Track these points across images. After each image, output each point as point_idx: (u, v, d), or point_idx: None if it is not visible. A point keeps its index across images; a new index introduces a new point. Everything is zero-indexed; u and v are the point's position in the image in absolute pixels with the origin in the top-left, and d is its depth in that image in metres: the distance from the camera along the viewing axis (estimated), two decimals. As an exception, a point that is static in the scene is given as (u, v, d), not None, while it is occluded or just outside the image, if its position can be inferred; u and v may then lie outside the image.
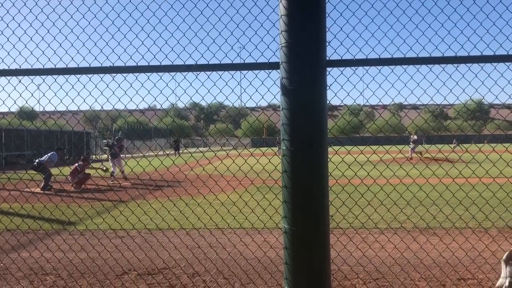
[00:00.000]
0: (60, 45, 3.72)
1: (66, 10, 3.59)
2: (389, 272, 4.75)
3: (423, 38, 3.63)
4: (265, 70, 3.35)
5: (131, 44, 3.64)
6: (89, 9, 3.69)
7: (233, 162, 3.81)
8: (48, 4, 3.65)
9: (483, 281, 4.53)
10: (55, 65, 3.43)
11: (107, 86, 3.77)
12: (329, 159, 3.07)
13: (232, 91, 3.85)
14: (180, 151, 38.12)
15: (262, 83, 3.86)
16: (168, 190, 8.70)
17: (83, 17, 3.68)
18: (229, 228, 5.77)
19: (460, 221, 6.61)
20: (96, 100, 3.88)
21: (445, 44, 3.57)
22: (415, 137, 25.48)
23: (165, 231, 5.94)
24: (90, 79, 3.60)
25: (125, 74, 3.52)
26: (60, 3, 3.60)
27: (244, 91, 3.89)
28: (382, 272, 4.76)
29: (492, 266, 4.71)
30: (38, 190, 12.47)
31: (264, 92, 3.65)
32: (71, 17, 3.61)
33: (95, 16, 3.77)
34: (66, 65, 3.50)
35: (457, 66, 3.43)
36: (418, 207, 6.15)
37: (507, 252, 3.50)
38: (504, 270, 3.64)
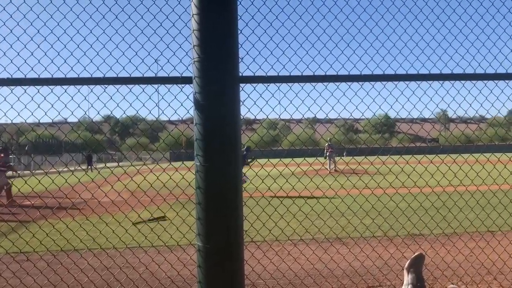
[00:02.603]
0: None
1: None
2: (302, 284, 4.83)
3: (331, 57, 3.78)
4: (178, 85, 3.29)
5: (32, 55, 3.38)
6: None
7: (144, 179, 3.67)
8: None
9: (388, 288, 4.77)
10: None
11: (5, 99, 3.47)
12: (243, 174, 3.07)
13: (143, 105, 3.73)
14: (93, 166, 36.66)
15: (175, 98, 3.78)
16: (73, 211, 8.20)
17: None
18: (140, 248, 5.55)
19: (368, 231, 6.94)
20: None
21: (350, 63, 3.75)
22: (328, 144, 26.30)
23: (70, 254, 5.57)
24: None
25: (25, 87, 3.26)
26: None
27: (157, 105, 3.79)
28: (296, 285, 4.83)
29: (396, 274, 4.98)
30: None
31: (180, 106, 3.57)
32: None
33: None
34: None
35: (362, 84, 3.62)
36: (329, 219, 6.38)
37: (409, 260, 3.71)
38: (406, 278, 3.85)
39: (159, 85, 3.37)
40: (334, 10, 3.68)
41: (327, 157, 26.18)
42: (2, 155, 14.42)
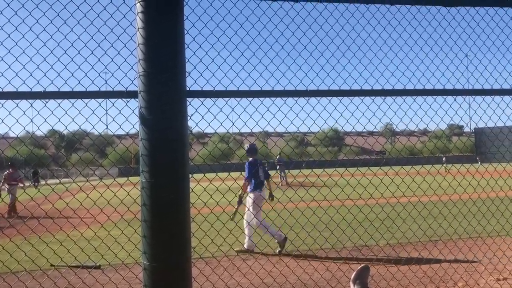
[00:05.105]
0: None
1: None
2: (251, 300, 4.80)
3: (278, 73, 3.84)
4: (123, 99, 3.21)
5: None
6: None
7: (87, 196, 3.55)
8: None
9: (336, 300, 4.83)
10: None
11: None
12: (191, 189, 3.03)
13: (86, 120, 3.60)
14: (39, 183, 35.30)
15: (120, 112, 3.68)
16: (10, 231, 7.75)
17: None
18: (83, 268, 5.33)
19: (315, 244, 7.02)
20: None
21: (297, 78, 3.82)
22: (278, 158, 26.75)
23: (6, 277, 5.25)
24: None
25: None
26: None
27: (100, 120, 3.67)
28: (245, 301, 4.79)
29: (344, 285, 5.05)
30: None
31: (125, 121, 3.48)
32: None
33: None
34: None
35: (308, 99, 3.70)
36: (289, 232, 6.42)
37: (355, 272, 3.78)
38: (353, 289, 3.92)
39: (103, 99, 3.28)
40: (280, 27, 3.74)
41: (277, 171, 26.58)
42: (11, 170, 15.68)
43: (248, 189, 7.64)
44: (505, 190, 5.19)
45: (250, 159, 8.11)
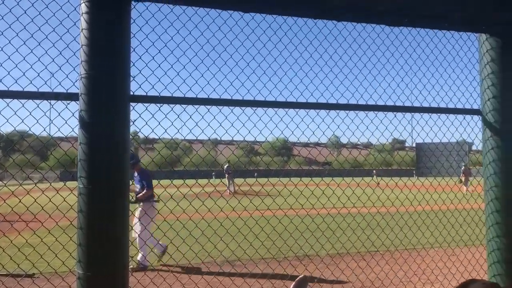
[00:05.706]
0: None
1: None
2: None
3: (225, 82, 3.83)
4: (63, 101, 3.08)
5: None
6: None
7: (20, 201, 3.36)
8: None
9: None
10: None
11: None
12: (131, 197, 2.94)
13: (22, 121, 3.43)
14: None
15: (59, 115, 3.53)
16: None
17: None
18: (12, 277, 5.04)
19: (257, 254, 7.04)
20: None
21: (245, 88, 3.83)
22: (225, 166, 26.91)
23: None
24: None
25: None
26: None
27: (37, 122, 3.50)
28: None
29: (283, 295, 5.08)
30: None
31: (64, 124, 3.33)
32: None
33: None
34: None
35: (255, 109, 3.72)
36: (219, 243, 6.37)
37: (293, 283, 3.82)
38: (293, 299, 3.95)
39: (41, 101, 3.13)
40: (229, 36, 3.74)
41: (222, 180, 26.71)
42: None
43: (144, 199, 6.83)
44: (439, 204, 5.44)
45: (137, 170, 7.24)
